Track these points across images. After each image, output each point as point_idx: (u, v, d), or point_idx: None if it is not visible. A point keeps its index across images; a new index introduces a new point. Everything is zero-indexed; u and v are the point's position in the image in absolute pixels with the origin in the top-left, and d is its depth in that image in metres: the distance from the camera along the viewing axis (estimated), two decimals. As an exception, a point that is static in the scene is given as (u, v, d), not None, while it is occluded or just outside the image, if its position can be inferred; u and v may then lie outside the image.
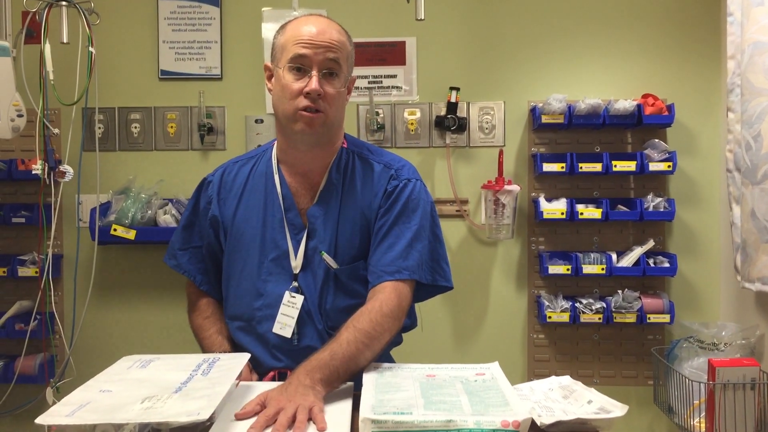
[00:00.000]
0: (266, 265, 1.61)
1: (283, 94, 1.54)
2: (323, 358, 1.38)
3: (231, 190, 1.68)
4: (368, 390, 1.27)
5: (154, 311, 2.86)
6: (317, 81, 1.50)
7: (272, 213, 1.62)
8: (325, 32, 1.54)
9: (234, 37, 2.86)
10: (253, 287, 1.61)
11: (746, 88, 2.29)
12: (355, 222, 1.60)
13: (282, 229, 1.60)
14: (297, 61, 1.52)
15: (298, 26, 1.56)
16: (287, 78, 1.53)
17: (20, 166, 2.68)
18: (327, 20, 1.59)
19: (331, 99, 1.53)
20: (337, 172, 1.62)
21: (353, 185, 1.61)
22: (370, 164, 1.64)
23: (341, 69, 1.55)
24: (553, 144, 2.83)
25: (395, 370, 1.42)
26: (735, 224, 2.42)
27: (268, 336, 1.59)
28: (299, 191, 1.63)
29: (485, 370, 1.41)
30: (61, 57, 2.42)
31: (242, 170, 1.70)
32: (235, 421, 1.20)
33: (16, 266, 2.69)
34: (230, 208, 1.66)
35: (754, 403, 2.11)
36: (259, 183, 1.65)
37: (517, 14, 2.84)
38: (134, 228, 2.61)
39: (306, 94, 1.50)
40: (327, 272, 1.59)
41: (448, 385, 1.30)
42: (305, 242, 1.59)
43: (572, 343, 2.85)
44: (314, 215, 1.60)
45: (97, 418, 1.07)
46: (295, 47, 1.53)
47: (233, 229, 1.65)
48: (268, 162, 1.67)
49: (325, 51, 1.52)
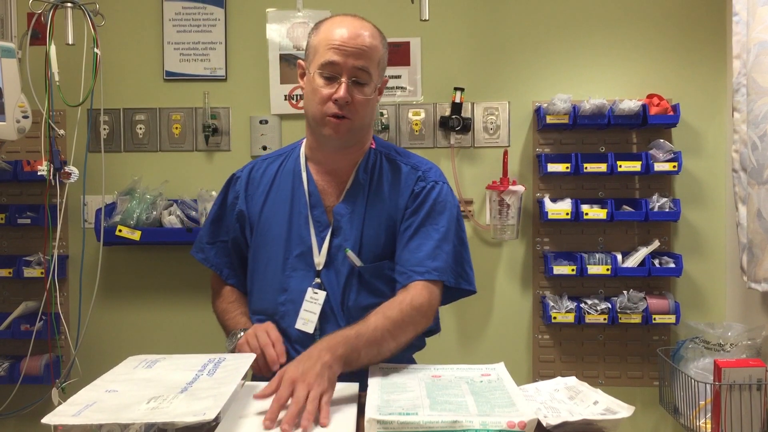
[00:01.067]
0: (290, 261, 1.62)
1: (313, 97, 1.56)
2: (349, 335, 1.40)
3: (258, 186, 1.69)
4: (374, 390, 1.27)
5: (159, 311, 2.86)
6: (345, 89, 1.51)
7: (298, 210, 1.64)
8: (357, 37, 1.53)
9: (239, 38, 2.86)
10: (277, 282, 1.63)
11: (752, 87, 2.28)
12: (380, 221, 1.61)
13: (307, 225, 1.62)
14: (327, 67, 1.52)
15: (331, 28, 1.55)
16: (317, 82, 1.54)
17: (26, 167, 2.69)
18: (360, 22, 1.58)
19: (359, 105, 1.54)
20: (364, 171, 1.64)
21: (380, 185, 1.63)
22: (398, 165, 1.66)
23: (370, 77, 1.55)
24: (557, 144, 2.83)
25: (400, 370, 1.42)
26: (741, 224, 2.41)
27: (291, 331, 1.60)
28: (326, 189, 1.64)
29: (491, 370, 1.41)
30: (66, 58, 2.43)
31: (270, 167, 1.72)
32: (241, 420, 1.20)
33: (21, 267, 2.70)
34: (257, 204, 1.68)
35: (760, 404, 2.10)
36: (287, 180, 1.67)
37: (521, 14, 2.84)
38: (139, 229, 2.62)
39: (334, 101, 1.52)
40: (351, 270, 1.60)
41: (454, 386, 1.30)
42: (329, 239, 1.60)
43: (577, 344, 2.85)
44: (340, 213, 1.61)
45: (103, 417, 1.08)
46: (326, 52, 1.52)
47: (259, 224, 1.67)
48: (296, 159, 1.69)
49: (355, 58, 1.52)
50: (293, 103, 2.85)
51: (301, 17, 2.85)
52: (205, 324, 2.86)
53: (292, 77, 2.85)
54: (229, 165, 2.86)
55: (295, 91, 2.85)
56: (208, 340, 2.83)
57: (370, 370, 1.40)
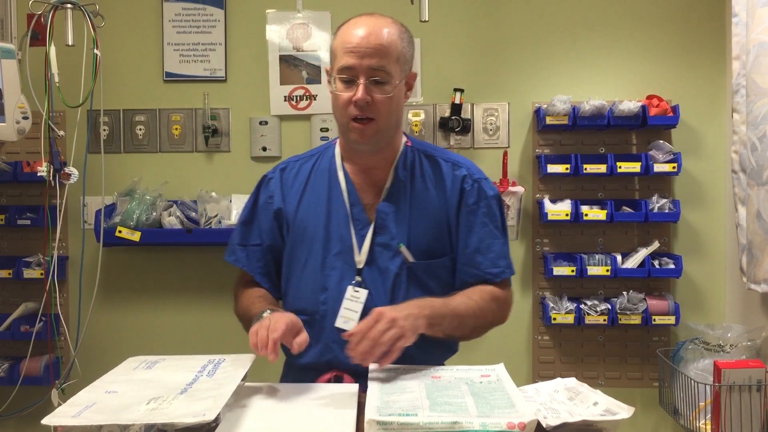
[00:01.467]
0: (329, 260, 1.61)
1: (335, 102, 1.56)
2: (435, 302, 1.47)
3: (293, 186, 1.68)
4: (373, 391, 1.27)
5: (159, 312, 2.86)
6: (363, 90, 1.50)
7: (336, 208, 1.63)
8: (371, 36, 1.51)
9: (238, 39, 2.87)
10: (317, 281, 1.61)
11: (751, 88, 2.28)
12: (428, 218, 1.61)
13: (347, 224, 1.61)
14: (345, 71, 1.52)
15: (347, 30, 1.55)
16: (338, 87, 1.54)
17: (25, 168, 2.69)
18: (376, 20, 1.56)
19: (381, 105, 1.52)
20: (403, 169, 1.63)
21: (423, 183, 1.63)
22: (437, 162, 1.66)
23: (389, 74, 1.52)
24: (557, 145, 2.83)
25: (400, 371, 1.42)
26: (740, 225, 2.41)
27: (332, 332, 1.58)
28: (363, 187, 1.64)
29: (490, 371, 1.40)
30: (66, 59, 2.43)
31: (304, 167, 1.70)
32: (242, 421, 1.20)
33: (21, 268, 2.70)
34: (292, 204, 1.67)
35: (760, 405, 2.10)
36: (322, 179, 1.66)
37: (521, 15, 2.84)
38: (139, 230, 2.62)
39: (354, 104, 1.51)
40: (400, 267, 1.59)
41: (454, 387, 1.30)
42: (371, 237, 1.59)
43: (577, 345, 2.85)
44: (384, 211, 1.60)
45: (103, 418, 1.08)
46: (343, 56, 1.52)
47: (295, 224, 1.65)
48: (331, 158, 1.68)
49: (371, 58, 1.50)
50: (293, 104, 2.85)
51: (301, 18, 2.85)
52: (205, 325, 2.86)
53: (291, 78, 2.85)
54: (228, 166, 2.87)
55: (295, 92, 2.85)
56: (208, 341, 2.83)
57: (370, 371, 1.40)
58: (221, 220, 2.68)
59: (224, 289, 2.85)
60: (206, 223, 2.70)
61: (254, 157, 2.87)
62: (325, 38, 2.85)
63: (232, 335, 2.84)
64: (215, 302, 2.85)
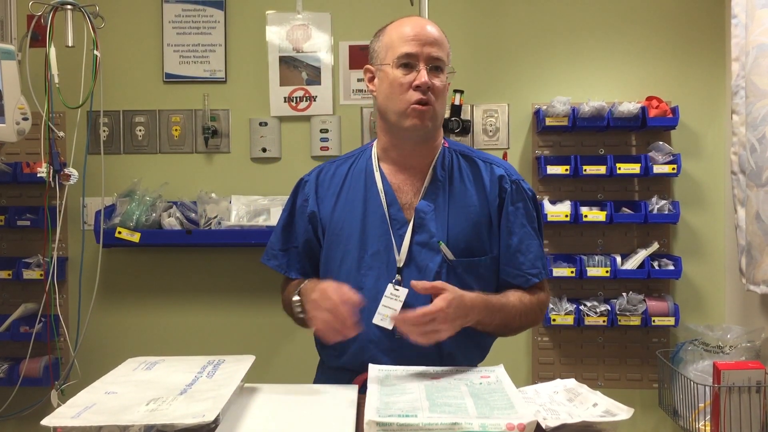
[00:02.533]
0: (366, 260, 1.62)
1: (392, 90, 1.58)
2: (493, 304, 1.54)
3: (329, 188, 1.70)
4: (373, 393, 1.27)
5: (159, 313, 2.86)
6: (426, 74, 1.55)
7: (373, 208, 1.64)
8: (428, 28, 1.61)
9: (238, 40, 2.87)
10: (352, 281, 1.60)
11: (751, 90, 2.28)
12: (466, 217, 1.62)
13: (384, 224, 1.62)
14: (404, 58, 1.57)
15: (400, 26, 1.62)
16: (396, 74, 1.58)
17: (25, 169, 2.69)
18: (425, 19, 1.68)
19: (438, 92, 1.58)
20: (442, 169, 1.65)
21: (462, 182, 1.65)
22: (475, 162, 1.68)
23: (444, 64, 1.61)
24: (557, 146, 2.83)
25: (400, 373, 1.42)
26: (740, 227, 2.41)
27: (368, 331, 1.57)
28: (401, 187, 1.65)
29: (490, 373, 1.41)
30: (66, 60, 2.43)
31: (340, 169, 1.72)
32: (241, 422, 1.20)
33: (21, 269, 2.70)
34: (328, 205, 1.68)
35: (759, 406, 2.10)
36: (359, 180, 1.68)
37: (521, 17, 2.84)
38: (139, 231, 2.62)
39: (416, 88, 1.55)
40: (441, 265, 1.59)
41: (453, 388, 1.30)
42: (410, 236, 1.60)
43: (577, 346, 2.85)
44: (423, 210, 1.61)
45: (102, 419, 1.08)
46: (402, 45, 1.58)
47: (331, 225, 1.67)
48: (368, 160, 1.70)
49: (430, 46, 1.58)
50: (293, 105, 2.86)
51: (301, 19, 2.86)
52: (204, 326, 2.86)
53: (291, 79, 2.85)
54: (228, 167, 2.87)
55: (295, 93, 2.85)
56: (207, 341, 2.83)
57: (369, 371, 1.40)
58: (221, 222, 2.69)
59: (224, 290, 2.87)
60: (206, 224, 2.70)
61: (254, 158, 2.87)
62: (325, 39, 2.85)
63: (232, 336, 2.86)
64: (215, 303, 2.86)
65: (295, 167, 2.85)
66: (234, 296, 2.86)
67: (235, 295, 2.86)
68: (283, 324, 2.84)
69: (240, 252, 2.84)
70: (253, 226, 2.67)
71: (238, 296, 2.86)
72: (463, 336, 1.53)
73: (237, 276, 2.85)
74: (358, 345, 1.58)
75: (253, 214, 2.73)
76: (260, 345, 2.83)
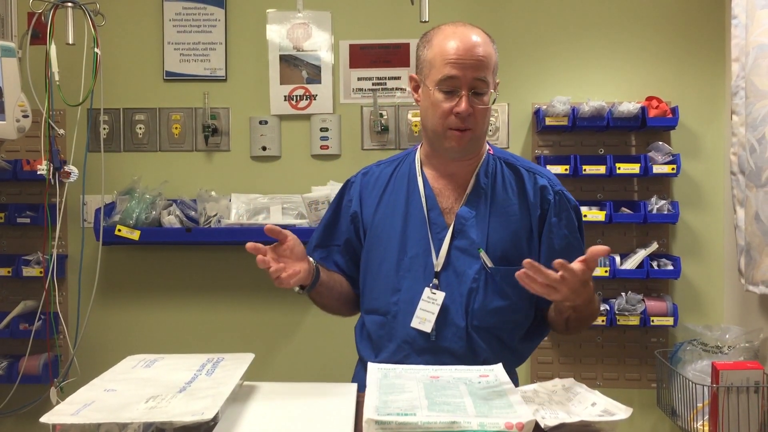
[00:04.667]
0: (405, 262, 1.62)
1: (433, 111, 1.57)
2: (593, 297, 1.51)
3: (373, 189, 1.71)
4: (372, 391, 1.28)
5: (158, 311, 2.86)
6: (467, 102, 1.52)
7: (414, 212, 1.64)
8: (472, 48, 1.54)
9: (239, 38, 2.87)
10: (391, 283, 1.63)
11: (750, 90, 2.29)
12: (509, 226, 1.62)
13: (424, 227, 1.62)
14: (446, 82, 1.53)
15: (445, 41, 1.57)
16: (437, 97, 1.55)
17: (25, 167, 2.69)
18: (472, 31, 1.60)
19: (479, 115, 1.56)
20: (485, 176, 1.65)
21: (505, 190, 1.64)
22: (519, 170, 1.67)
23: (488, 86, 1.56)
24: (556, 146, 2.83)
25: (399, 371, 1.42)
26: (739, 227, 2.41)
27: (403, 330, 1.60)
28: (443, 192, 1.65)
29: (489, 371, 1.41)
30: (66, 58, 2.43)
31: (384, 171, 1.73)
32: (240, 420, 1.21)
33: (20, 266, 2.70)
34: (371, 207, 1.69)
35: (757, 407, 2.10)
36: (402, 183, 1.68)
37: (521, 16, 2.84)
38: (138, 228, 2.62)
39: (456, 114, 1.53)
40: (479, 271, 1.60)
41: (452, 387, 1.30)
42: (449, 241, 1.61)
43: (575, 346, 2.85)
44: (464, 216, 1.62)
45: (101, 417, 1.08)
46: (443, 67, 1.54)
47: (373, 226, 1.68)
48: (411, 164, 1.70)
49: (474, 70, 1.53)
50: (293, 104, 2.86)
51: (302, 18, 2.86)
52: (204, 324, 2.87)
53: (291, 78, 2.86)
54: (228, 165, 2.87)
55: (295, 91, 2.85)
56: (207, 339, 2.84)
57: (369, 370, 1.40)
58: (220, 220, 2.69)
59: (223, 288, 2.87)
60: (206, 222, 2.70)
61: (254, 157, 2.87)
62: (326, 38, 2.85)
63: (231, 334, 2.86)
64: (214, 301, 2.86)
65: (295, 166, 2.85)
66: (233, 295, 2.86)
67: (234, 293, 2.86)
68: (282, 322, 2.86)
69: (239, 250, 2.82)
70: (252, 224, 2.67)
71: (238, 295, 2.86)
72: (498, 342, 1.56)
73: (236, 274, 2.85)
74: (395, 344, 1.60)
75: (253, 212, 2.73)
76: (259, 343, 2.83)
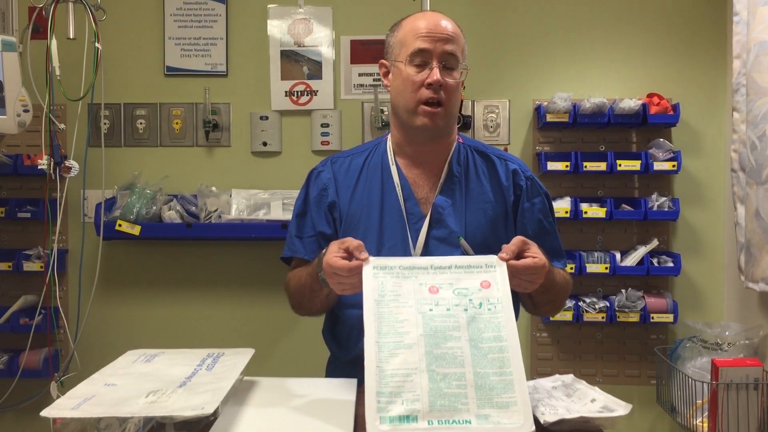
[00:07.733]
0: (383, 254, 1.61)
1: (404, 87, 1.58)
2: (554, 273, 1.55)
3: (345, 179, 1.69)
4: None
5: (158, 306, 2.87)
6: (438, 72, 1.54)
7: (389, 202, 1.64)
8: (442, 23, 1.59)
9: (240, 33, 2.86)
10: None
11: (752, 87, 2.28)
12: (485, 213, 1.63)
13: (400, 218, 1.62)
14: (417, 55, 1.56)
15: (415, 21, 1.61)
16: (408, 71, 1.57)
17: (26, 161, 2.69)
18: (441, 14, 1.65)
19: (450, 90, 1.57)
20: (457, 164, 1.66)
21: (477, 178, 1.66)
22: (489, 158, 1.69)
23: (458, 61, 1.59)
24: (557, 143, 2.83)
25: (396, 271, 1.34)
26: (739, 224, 2.41)
27: None
28: (417, 182, 1.65)
29: (491, 277, 1.33)
30: (67, 53, 2.43)
31: (355, 162, 1.71)
32: (240, 415, 1.21)
33: (21, 261, 2.70)
34: (345, 197, 1.68)
35: (757, 404, 2.11)
36: (375, 174, 1.68)
37: (522, 13, 2.84)
38: (139, 223, 2.62)
39: (428, 86, 1.54)
40: None
41: (453, 337, 1.23)
42: (426, 231, 1.61)
43: (575, 342, 2.85)
44: (441, 206, 1.62)
45: (102, 411, 1.08)
46: (415, 41, 1.56)
47: (348, 217, 1.66)
48: (384, 154, 1.70)
49: (444, 43, 1.56)
50: (294, 100, 2.85)
51: (302, 13, 2.85)
52: (204, 319, 2.87)
53: (292, 73, 2.85)
54: (229, 161, 2.87)
55: (296, 87, 2.85)
56: (207, 334, 2.84)
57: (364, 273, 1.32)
58: (221, 215, 2.69)
59: (224, 284, 2.87)
60: (206, 217, 2.70)
61: (254, 152, 2.87)
62: (327, 33, 2.85)
63: (231, 329, 2.86)
64: (214, 296, 2.86)
65: (296, 161, 2.85)
66: (233, 290, 2.86)
67: (234, 288, 2.86)
68: (282, 317, 2.86)
69: (240, 245, 2.84)
70: (253, 219, 2.67)
71: (238, 290, 2.86)
72: None
73: (237, 269, 2.86)
74: None
75: (254, 207, 2.73)
76: (260, 338, 2.83)
